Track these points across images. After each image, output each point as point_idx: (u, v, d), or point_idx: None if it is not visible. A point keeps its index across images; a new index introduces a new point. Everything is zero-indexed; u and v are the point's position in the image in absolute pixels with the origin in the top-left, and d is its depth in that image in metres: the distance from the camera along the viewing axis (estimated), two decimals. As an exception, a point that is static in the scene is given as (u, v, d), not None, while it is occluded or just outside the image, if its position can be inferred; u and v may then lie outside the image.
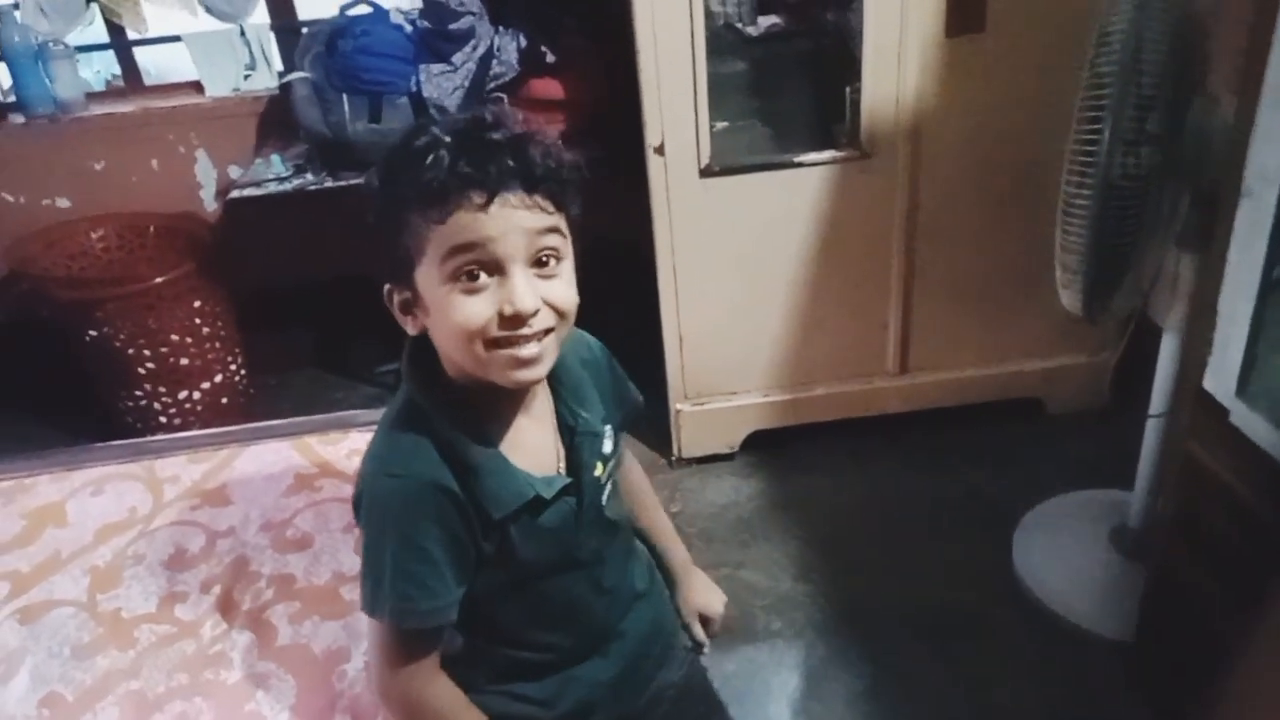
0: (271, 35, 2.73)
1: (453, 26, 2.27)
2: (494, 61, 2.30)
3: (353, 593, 1.17)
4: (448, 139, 0.80)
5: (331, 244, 2.62)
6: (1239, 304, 1.30)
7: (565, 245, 0.85)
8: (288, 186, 2.36)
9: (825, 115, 2.17)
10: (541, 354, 0.84)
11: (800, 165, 2.06)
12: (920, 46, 1.94)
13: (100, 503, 1.37)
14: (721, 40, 2.24)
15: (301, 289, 2.79)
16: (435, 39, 2.29)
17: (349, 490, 1.35)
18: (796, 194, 2.08)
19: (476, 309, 0.81)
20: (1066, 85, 1.65)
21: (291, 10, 2.74)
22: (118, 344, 2.37)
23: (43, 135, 2.67)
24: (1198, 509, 1.54)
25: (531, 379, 0.85)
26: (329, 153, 2.36)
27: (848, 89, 2.06)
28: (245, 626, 1.14)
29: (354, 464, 1.40)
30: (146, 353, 2.40)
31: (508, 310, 0.80)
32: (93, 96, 2.80)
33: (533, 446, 0.91)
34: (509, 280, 0.81)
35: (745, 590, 2.00)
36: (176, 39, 2.72)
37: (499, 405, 0.89)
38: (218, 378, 2.52)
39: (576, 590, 0.95)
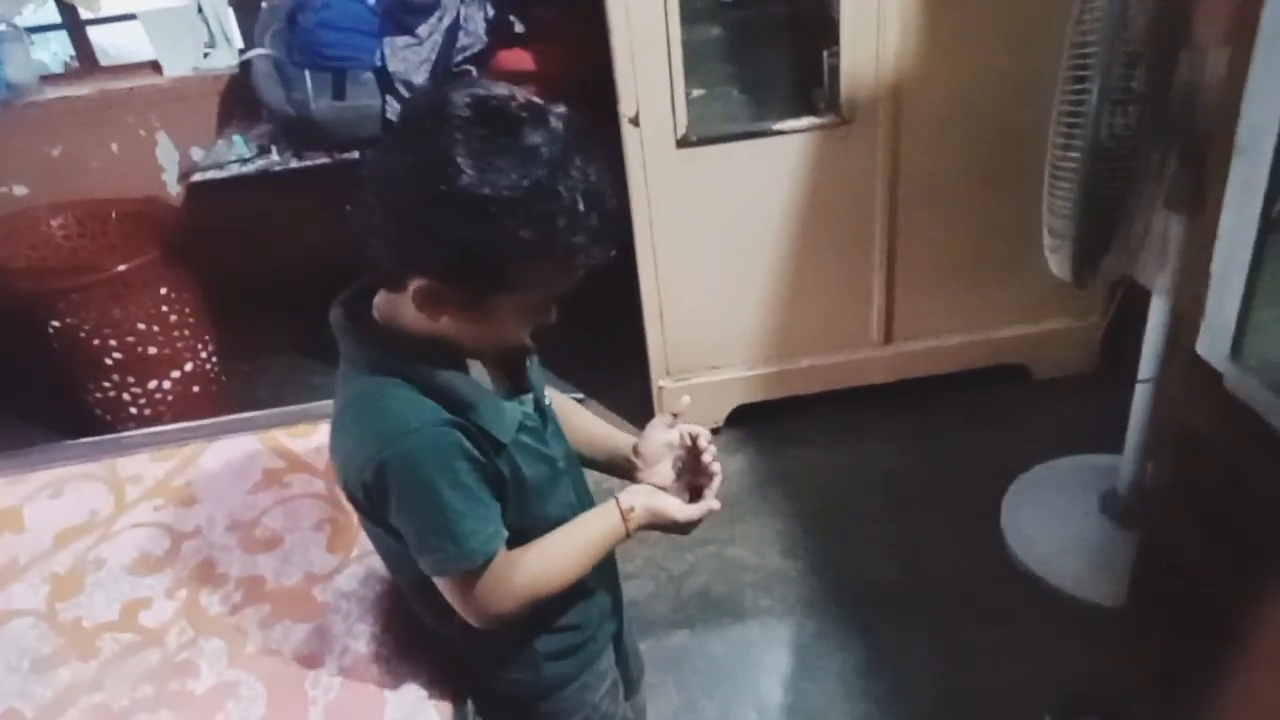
0: (230, 11, 2.63)
1: (416, -3, 2.19)
2: (460, 33, 2.23)
3: (325, 593, 1.13)
4: (585, 200, 0.81)
5: (299, 224, 2.57)
6: (1233, 265, 1.26)
7: None
8: (251, 168, 2.30)
9: (803, 81, 2.11)
10: None
11: (779, 133, 2.01)
12: (900, 7, 1.88)
13: (59, 505, 1.31)
14: (695, 5, 2.17)
15: (271, 272, 2.71)
16: (399, 11, 2.21)
17: (320, 485, 1.31)
18: (776, 163, 2.03)
19: (528, 328, 0.93)
20: (1051, 45, 1.60)
21: (250, -16, 2.65)
22: (83, 334, 2.30)
23: (-5, 120, 2.58)
24: (1190, 473, 1.52)
25: None
26: (293, 131, 2.28)
27: (825, 53, 2.00)
28: (213, 633, 1.09)
29: (323, 458, 1.35)
30: (113, 343, 2.33)
31: (544, 324, 0.92)
32: (48, 79, 2.71)
33: (493, 379, 0.97)
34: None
35: (733, 567, 1.97)
36: (132, 17, 2.63)
37: (463, 358, 0.94)
38: (188, 366, 2.45)
39: (567, 501, 1.03)
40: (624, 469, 1.10)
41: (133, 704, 1.02)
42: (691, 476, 1.08)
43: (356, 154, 2.26)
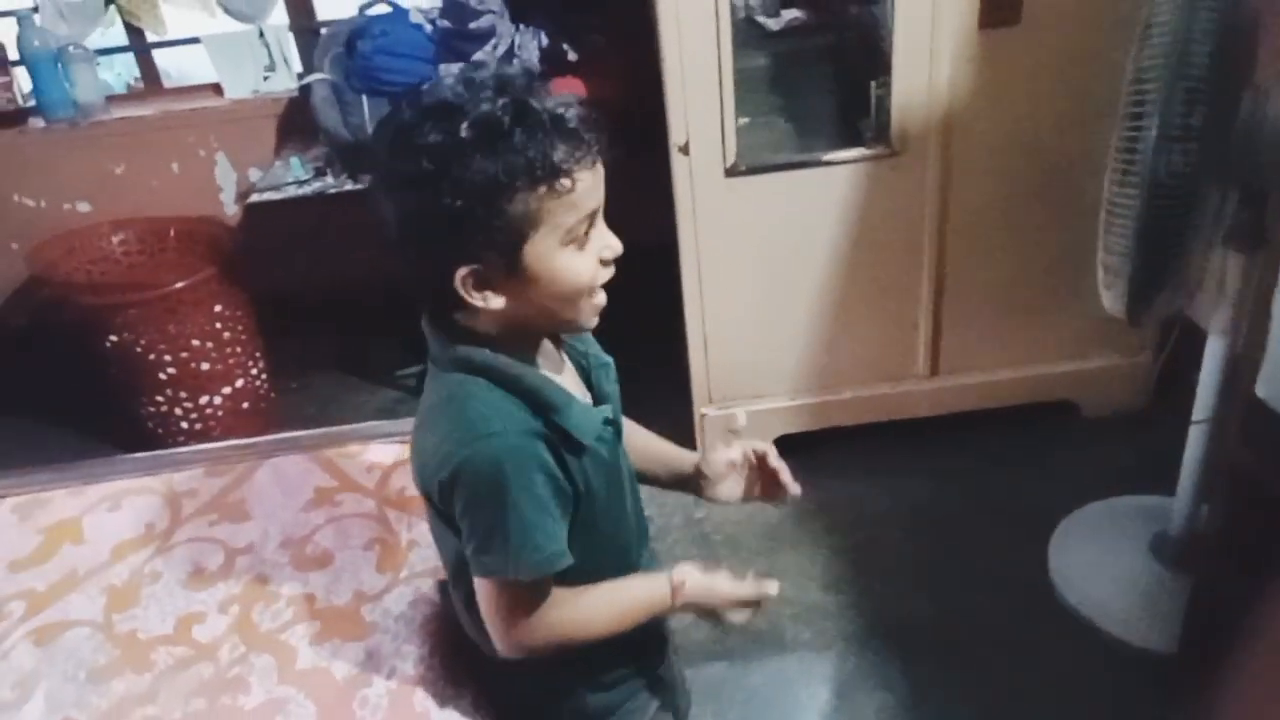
0: (290, 36, 2.71)
1: (473, 25, 2.23)
2: (515, 60, 2.27)
3: (373, 614, 1.14)
4: (527, 109, 0.84)
5: (351, 247, 2.61)
6: (1295, 308, 1.24)
7: None
8: (307, 190, 2.34)
9: (849, 111, 2.12)
10: None
11: (827, 164, 2.01)
12: (953, 39, 1.88)
13: (117, 518, 1.34)
14: (742, 35, 2.19)
15: (322, 292, 2.77)
16: (455, 38, 2.26)
17: (370, 505, 1.33)
18: (824, 193, 2.03)
19: (588, 264, 0.89)
20: (1105, 79, 1.59)
21: (310, 11, 2.72)
22: (139, 349, 2.36)
23: (63, 139, 2.67)
24: (1245, 518, 1.48)
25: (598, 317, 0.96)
26: (349, 155, 2.33)
27: (872, 84, 2.00)
28: (264, 649, 1.11)
29: (374, 478, 1.37)
30: (167, 358, 2.38)
31: (608, 255, 0.91)
32: (113, 99, 2.80)
33: (572, 386, 0.98)
34: (598, 230, 0.90)
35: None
36: (195, 41, 2.71)
37: (538, 358, 0.96)
38: (239, 383, 2.50)
39: (624, 519, 1.03)
40: (686, 484, 1.12)
41: (185, 717, 1.04)
42: (764, 494, 1.10)
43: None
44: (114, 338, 2.35)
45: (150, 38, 2.73)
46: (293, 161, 2.43)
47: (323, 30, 2.56)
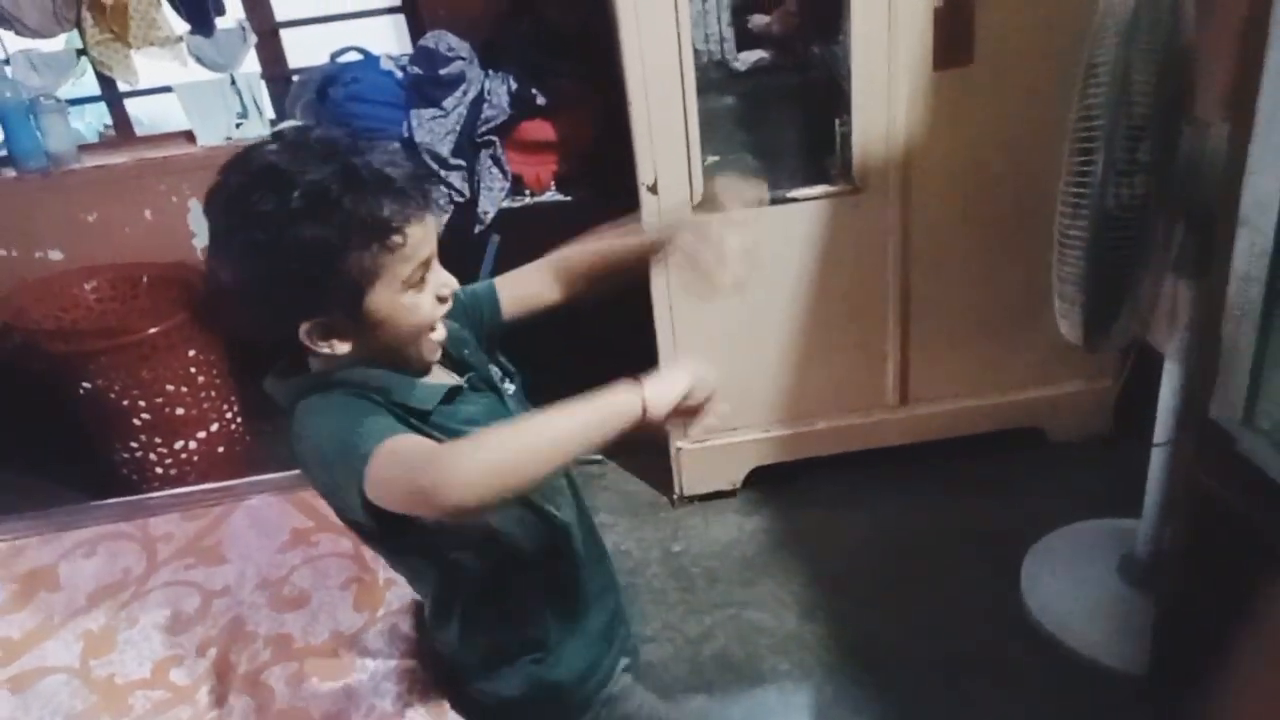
0: (263, 84, 2.74)
1: (443, 72, 2.28)
2: (485, 105, 2.31)
3: (351, 652, 1.15)
4: (352, 169, 0.88)
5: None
6: (1242, 332, 1.29)
7: None
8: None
9: (815, 148, 2.18)
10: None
11: (794, 200, 2.06)
12: (909, 79, 1.95)
13: (93, 564, 1.34)
14: (708, 76, 2.25)
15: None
16: (426, 84, 2.30)
17: (346, 544, 1.33)
18: (791, 229, 2.08)
19: (426, 304, 0.95)
20: (1056, 115, 1.65)
21: (282, 59, 2.76)
22: (112, 395, 2.36)
23: (34, 188, 2.67)
24: (1207, 538, 1.52)
25: (439, 353, 1.01)
26: (322, 199, 2.35)
27: (836, 121, 2.06)
28: (242, 690, 1.11)
29: (351, 517, 1.38)
30: (141, 403, 2.38)
31: (445, 293, 0.97)
32: (85, 148, 2.80)
33: (440, 377, 1.03)
34: (433, 272, 0.96)
35: (751, 630, 1.97)
36: (168, 90, 2.73)
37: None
38: (213, 426, 2.50)
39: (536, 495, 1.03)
40: (646, 257, 1.17)
41: (163, 762, 1.04)
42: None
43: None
44: (87, 384, 2.35)
45: (122, 87, 2.75)
46: (266, 206, 2.44)
47: (295, 78, 2.59)
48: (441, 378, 1.03)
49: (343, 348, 0.93)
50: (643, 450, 2.41)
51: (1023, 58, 1.92)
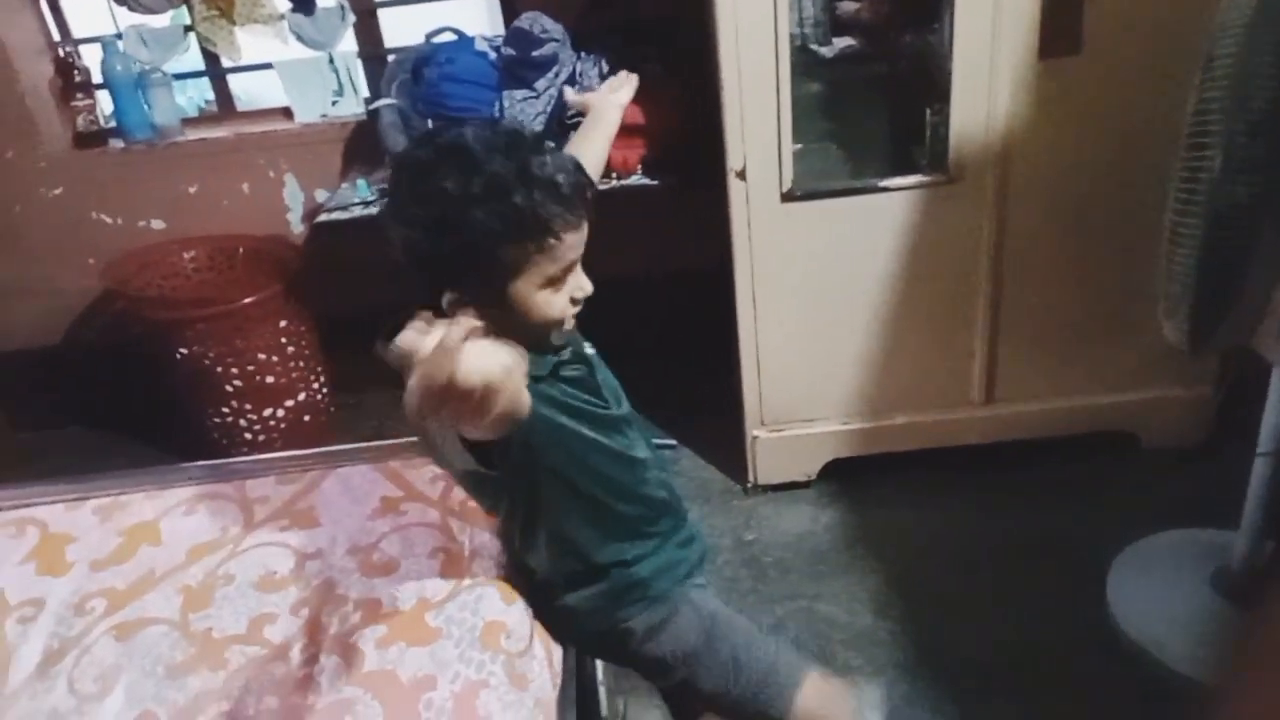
0: (359, 63, 2.79)
1: (536, 53, 2.29)
2: (577, 87, 2.32)
3: (437, 619, 1.17)
4: (530, 169, 0.99)
5: (412, 266, 2.68)
6: (1363, 340, 1.23)
7: None
8: (372, 210, 2.41)
9: (903, 138, 2.14)
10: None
11: (884, 190, 2.03)
12: (1012, 68, 1.90)
13: (193, 522, 1.39)
14: (797, 61, 2.21)
15: (382, 311, 2.83)
16: (519, 65, 2.32)
17: (434, 515, 1.36)
18: (879, 219, 2.05)
19: (561, 302, 1.07)
20: (1166, 109, 1.59)
21: (379, 39, 2.81)
22: (206, 362, 2.44)
23: (140, 160, 2.77)
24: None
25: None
26: (413, 177, 2.39)
27: (927, 111, 2.02)
28: (333, 650, 1.14)
29: (438, 489, 1.41)
30: (234, 371, 2.46)
31: (579, 295, 1.08)
32: (188, 122, 2.90)
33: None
34: (575, 275, 1.07)
35: (822, 623, 1.96)
36: (268, 66, 2.80)
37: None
38: (301, 396, 2.57)
39: (621, 452, 1.17)
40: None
41: (257, 714, 1.08)
42: None
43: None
44: (183, 350, 2.44)
45: (225, 63, 2.83)
46: (359, 183, 2.50)
47: (390, 57, 2.64)
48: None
49: (473, 317, 0.94)
50: (718, 438, 2.40)
51: (1134, 48, 1.86)
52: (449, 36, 2.47)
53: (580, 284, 1.08)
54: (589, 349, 1.20)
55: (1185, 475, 2.16)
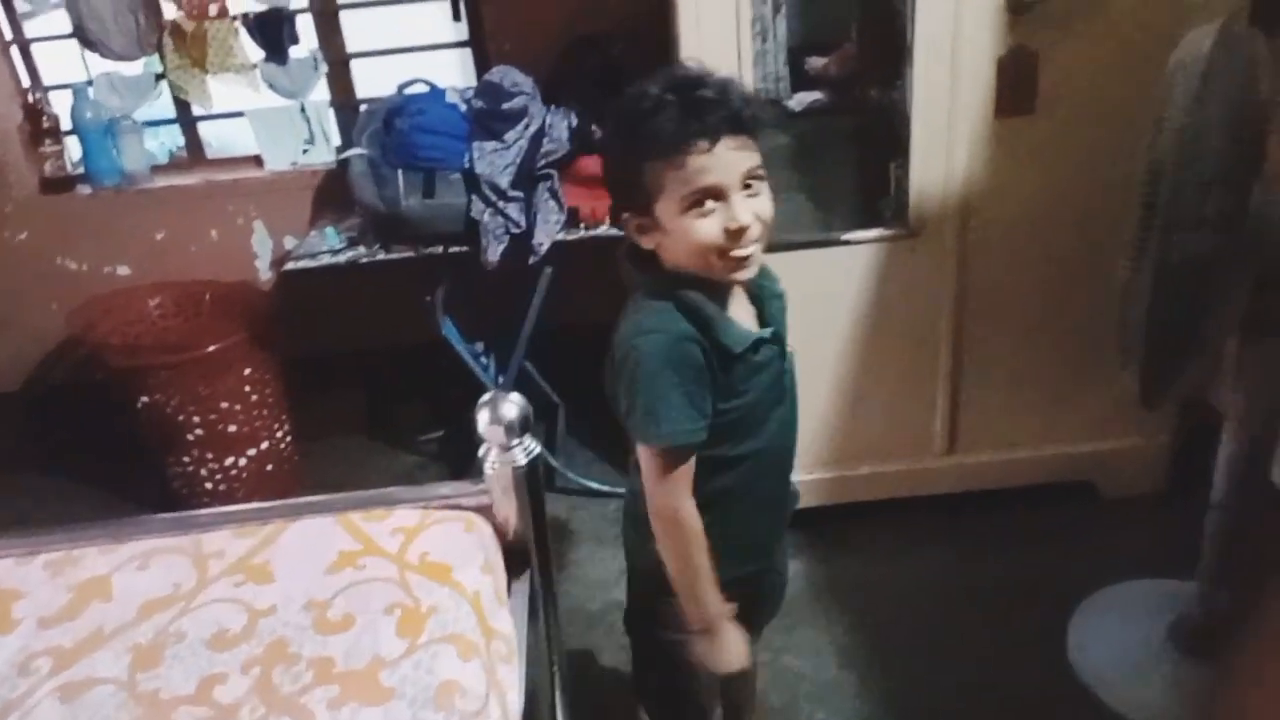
0: (331, 112, 2.81)
1: (506, 106, 2.32)
2: (545, 139, 2.35)
3: (392, 678, 1.15)
4: (670, 97, 1.07)
5: (381, 313, 2.68)
6: (1308, 397, 1.26)
7: (761, 167, 1.13)
8: (341, 258, 2.41)
9: (869, 191, 2.17)
10: (753, 255, 1.14)
11: (847, 243, 2.06)
12: (970, 126, 1.94)
13: (146, 577, 1.37)
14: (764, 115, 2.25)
15: (350, 357, 2.83)
16: (489, 118, 2.34)
17: (392, 570, 1.35)
18: (843, 271, 2.08)
19: (710, 228, 1.10)
20: (1119, 166, 1.64)
21: (350, 89, 2.84)
22: (169, 410, 2.41)
23: (108, 205, 2.77)
24: (1263, 605, 1.47)
25: (747, 275, 1.16)
26: (382, 226, 2.41)
27: (892, 165, 2.06)
28: (284, 712, 1.12)
29: (397, 542, 1.39)
30: (196, 419, 2.43)
31: (732, 226, 1.10)
32: (158, 168, 2.90)
33: (740, 313, 1.22)
34: (729, 204, 1.10)
35: (788, 676, 1.94)
36: (240, 115, 2.82)
37: (715, 288, 1.17)
38: (264, 444, 2.55)
39: (782, 416, 1.27)
40: None
41: (204, 778, 1.05)
42: None
43: (440, 249, 2.37)
44: (145, 398, 2.41)
45: (196, 110, 2.84)
46: (328, 231, 2.51)
47: (362, 107, 2.66)
48: (743, 316, 1.21)
49: (650, 244, 1.15)
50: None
51: (1086, 109, 1.91)
52: (421, 88, 2.50)
53: (732, 214, 1.09)
54: (782, 323, 1.26)
55: (1144, 525, 2.19)
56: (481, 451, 1.43)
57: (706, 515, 1.20)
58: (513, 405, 1.41)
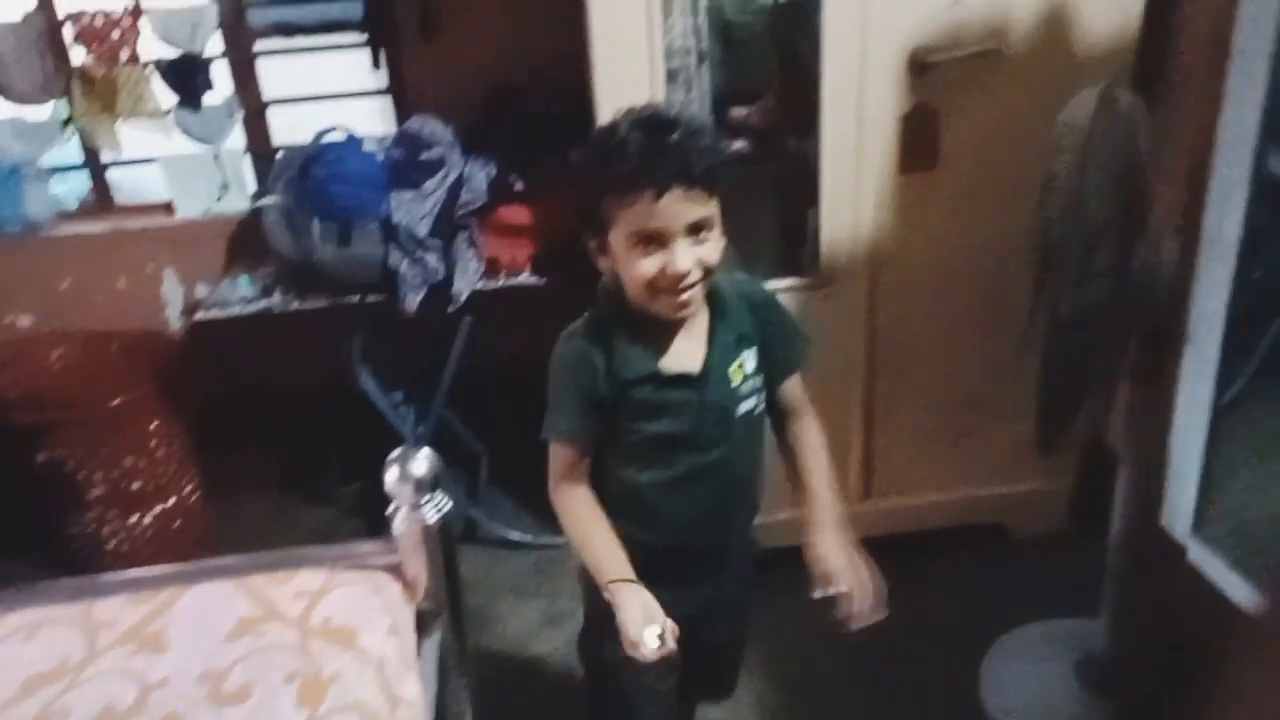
0: (246, 159, 2.77)
1: (424, 156, 2.32)
2: (463, 190, 2.34)
3: (290, 751, 1.12)
4: (634, 137, 1.14)
5: (295, 363, 2.63)
6: (1190, 444, 1.32)
7: (714, 218, 1.18)
8: (254, 308, 2.37)
9: (789, 239, 2.21)
10: (691, 299, 1.21)
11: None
12: (876, 180, 2.00)
13: (31, 650, 1.30)
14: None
15: (265, 408, 2.76)
16: (406, 168, 2.33)
17: (293, 636, 1.31)
18: (759, 320, 2.10)
19: (649, 265, 1.17)
20: (1018, 221, 1.70)
21: (267, 136, 2.80)
22: (69, 467, 2.32)
23: (9, 253, 2.68)
24: (1160, 644, 1.52)
25: (683, 315, 1.23)
26: (297, 275, 2.37)
27: (808, 214, 2.11)
28: (173, 791, 1.08)
29: (300, 606, 1.35)
30: (98, 476, 2.34)
31: (669, 271, 1.16)
32: (65, 215, 2.82)
33: (679, 352, 1.26)
34: (671, 250, 1.16)
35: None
36: (151, 161, 2.76)
37: (663, 322, 1.24)
38: (170, 501, 2.46)
39: (693, 462, 1.30)
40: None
41: None
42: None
43: (357, 298, 2.34)
44: (45, 455, 2.32)
45: (105, 156, 2.78)
46: (241, 279, 2.46)
47: (279, 154, 2.63)
48: (683, 349, 1.26)
49: (603, 266, 1.24)
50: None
51: (985, 166, 1.99)
52: (338, 136, 2.48)
53: (672, 259, 1.15)
54: (747, 384, 1.31)
55: (1050, 565, 2.24)
56: (390, 509, 1.41)
57: (615, 492, 1.31)
58: (422, 461, 1.39)
